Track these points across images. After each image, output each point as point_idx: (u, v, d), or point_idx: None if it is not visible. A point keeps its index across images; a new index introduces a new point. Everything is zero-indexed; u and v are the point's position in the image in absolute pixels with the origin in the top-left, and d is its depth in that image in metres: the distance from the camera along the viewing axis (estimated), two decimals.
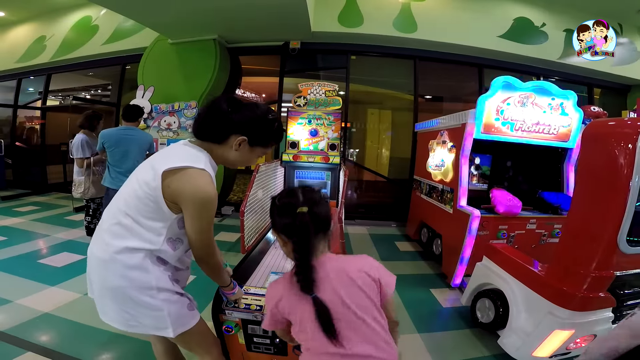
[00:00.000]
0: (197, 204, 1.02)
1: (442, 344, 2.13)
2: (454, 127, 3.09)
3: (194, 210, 1.02)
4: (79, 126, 3.42)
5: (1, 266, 2.97)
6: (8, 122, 7.37)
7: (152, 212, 1.03)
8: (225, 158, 1.15)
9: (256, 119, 1.12)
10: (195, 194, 1.01)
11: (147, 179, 1.02)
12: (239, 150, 1.12)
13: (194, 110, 4.58)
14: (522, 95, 2.82)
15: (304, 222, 0.89)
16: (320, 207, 0.94)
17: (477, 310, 2.26)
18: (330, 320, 0.85)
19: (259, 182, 2.98)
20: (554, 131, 2.94)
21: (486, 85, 5.11)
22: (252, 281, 1.81)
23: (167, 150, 1.13)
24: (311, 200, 0.94)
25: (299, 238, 0.90)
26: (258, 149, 1.16)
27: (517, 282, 1.94)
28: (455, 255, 2.83)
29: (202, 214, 1.03)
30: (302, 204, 0.92)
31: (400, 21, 4.65)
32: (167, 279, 1.10)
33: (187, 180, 1.00)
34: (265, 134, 1.15)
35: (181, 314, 1.12)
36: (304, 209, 0.90)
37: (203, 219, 1.05)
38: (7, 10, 6.29)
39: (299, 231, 0.90)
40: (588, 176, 1.65)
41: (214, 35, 4.75)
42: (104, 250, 1.04)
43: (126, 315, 1.05)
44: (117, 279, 1.02)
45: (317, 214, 0.92)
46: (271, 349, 1.44)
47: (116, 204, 1.07)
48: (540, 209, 3.00)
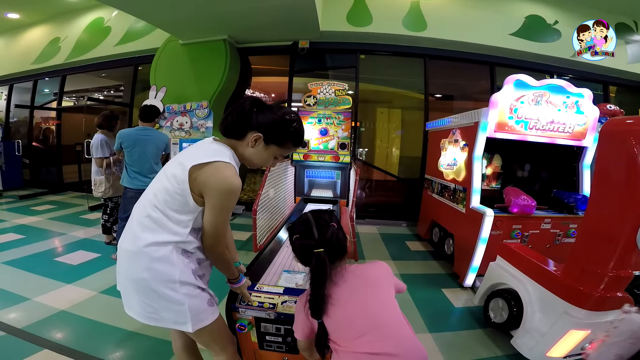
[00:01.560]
0: (222, 193, 1.06)
1: (454, 344, 2.11)
2: (467, 126, 3.07)
3: (216, 200, 1.07)
4: (97, 126, 3.48)
5: (19, 264, 3.05)
6: (25, 123, 7.56)
7: (180, 205, 1.08)
8: (242, 154, 1.19)
9: (274, 117, 1.15)
10: (220, 184, 1.05)
11: (176, 174, 1.07)
12: (254, 147, 1.16)
13: (206, 110, 4.63)
14: (535, 94, 2.79)
15: (321, 261, 1.00)
16: (336, 243, 1.05)
17: (490, 310, 2.24)
18: (325, 342, 1.06)
19: (270, 181, 3.01)
20: (569, 130, 2.90)
21: (498, 83, 5.07)
22: (264, 279, 1.83)
23: (195, 147, 1.17)
24: (325, 240, 1.03)
25: (315, 275, 1.00)
26: (273, 148, 1.18)
27: (532, 282, 1.92)
28: (468, 255, 2.81)
29: (224, 203, 1.08)
30: (318, 243, 1.02)
31: (409, 20, 4.62)
32: (191, 273, 1.13)
33: (213, 173, 1.05)
34: (280, 133, 1.17)
35: (201, 309, 1.14)
36: (320, 250, 1.00)
37: (224, 209, 1.09)
38: (22, 13, 6.43)
39: (316, 269, 1.00)
40: (606, 175, 1.62)
41: (224, 35, 4.79)
42: (133, 242, 1.09)
43: (148, 308, 1.09)
44: (142, 271, 1.06)
45: (333, 249, 1.04)
46: (283, 347, 1.45)
47: (146, 198, 1.13)
48: (555, 208, 2.96)
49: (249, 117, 1.14)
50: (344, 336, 0.99)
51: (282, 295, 1.45)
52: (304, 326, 1.10)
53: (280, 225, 2.93)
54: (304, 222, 1.09)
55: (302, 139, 1.24)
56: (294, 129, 1.19)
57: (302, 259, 1.07)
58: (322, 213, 1.12)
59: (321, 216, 1.10)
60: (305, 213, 1.15)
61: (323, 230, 1.04)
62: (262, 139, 1.15)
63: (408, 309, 2.51)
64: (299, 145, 1.26)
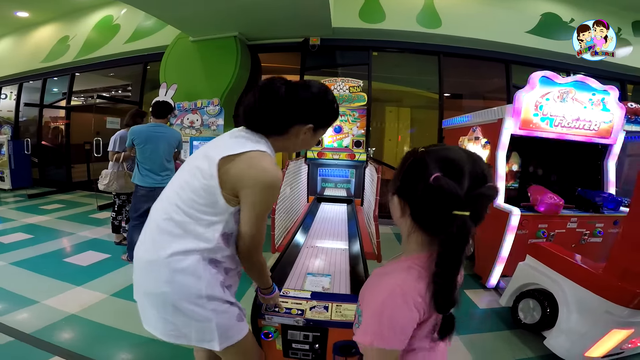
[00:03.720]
0: (262, 187, 0.92)
1: (484, 346, 2.05)
2: (489, 123, 3.00)
3: (256, 196, 0.92)
4: (125, 125, 3.44)
5: (28, 265, 2.99)
6: (34, 122, 7.56)
7: (207, 205, 0.92)
8: (286, 147, 1.08)
9: (318, 102, 1.02)
10: (259, 176, 0.91)
11: (202, 167, 0.93)
12: (304, 137, 1.05)
13: (217, 108, 4.58)
14: (561, 90, 2.72)
15: (464, 232, 0.58)
16: (487, 209, 0.62)
17: (520, 311, 2.17)
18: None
19: (287, 179, 2.94)
20: (595, 127, 2.83)
21: (514, 81, 4.99)
22: (289, 283, 1.75)
23: (220, 138, 1.04)
24: (480, 198, 0.60)
25: (448, 250, 0.60)
26: (320, 131, 1.10)
27: (568, 282, 1.85)
28: (491, 255, 2.74)
29: (264, 198, 0.94)
30: (466, 201, 0.58)
31: (423, 16, 4.56)
32: (219, 286, 0.99)
33: (249, 164, 0.91)
34: (327, 116, 1.08)
35: (230, 326, 1.01)
36: (465, 213, 0.58)
37: (264, 205, 0.95)
38: (31, 11, 6.42)
39: (451, 241, 0.59)
40: None
41: (235, 32, 4.74)
42: (152, 251, 0.95)
43: (170, 325, 0.95)
44: (163, 284, 0.91)
45: (480, 218, 0.61)
46: (309, 355, 1.37)
47: (167, 197, 0.98)
48: (580, 207, 2.88)
49: (288, 108, 0.98)
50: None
51: (310, 300, 1.39)
52: (405, 328, 0.64)
53: (296, 225, 2.87)
54: (449, 160, 0.62)
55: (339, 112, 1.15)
56: (337, 107, 1.09)
57: (426, 220, 0.65)
58: (479, 158, 0.66)
59: (479, 162, 0.65)
60: (450, 147, 0.68)
61: (479, 182, 0.61)
62: (312, 128, 1.03)
63: None
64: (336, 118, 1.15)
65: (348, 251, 2.15)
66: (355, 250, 2.11)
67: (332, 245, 2.28)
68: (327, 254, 2.09)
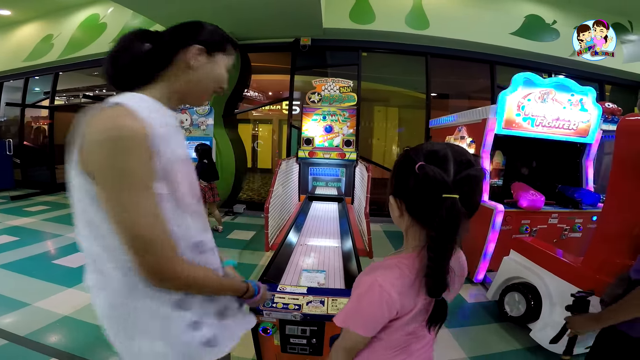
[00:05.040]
0: (106, 152, 0.60)
1: (473, 338, 2.13)
2: (474, 123, 3.09)
3: (105, 170, 0.61)
4: None
5: (16, 267, 2.94)
6: (16, 122, 7.35)
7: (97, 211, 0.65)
8: (179, 89, 0.79)
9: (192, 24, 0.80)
10: (98, 135, 0.61)
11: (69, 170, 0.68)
12: (195, 67, 0.77)
13: (206, 108, 4.58)
14: (542, 91, 2.83)
15: (455, 211, 0.60)
16: (477, 191, 0.64)
17: (506, 305, 2.26)
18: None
19: (279, 178, 2.98)
20: (574, 126, 2.95)
21: (498, 82, 5.13)
22: (285, 279, 1.79)
23: None
24: (467, 180, 0.61)
25: (439, 233, 0.62)
26: (220, 56, 0.82)
27: (550, 275, 1.94)
28: (477, 250, 2.83)
29: (119, 167, 0.60)
30: (453, 184, 0.60)
31: (412, 18, 4.65)
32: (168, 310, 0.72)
33: (90, 131, 0.62)
34: (211, 33, 0.81)
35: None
36: (455, 195, 0.60)
37: (125, 181, 0.61)
38: (13, 9, 6.25)
39: (442, 224, 0.61)
40: (623, 169, 1.65)
41: None
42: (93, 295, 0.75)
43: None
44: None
45: (471, 202, 0.63)
46: (307, 349, 1.41)
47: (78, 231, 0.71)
48: (560, 203, 3.01)
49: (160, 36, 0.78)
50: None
51: (307, 295, 1.43)
52: (375, 321, 0.70)
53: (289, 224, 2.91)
54: (433, 152, 0.65)
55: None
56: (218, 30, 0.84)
57: (418, 208, 0.67)
58: (463, 148, 0.68)
59: (463, 151, 0.66)
60: (434, 142, 0.72)
61: (462, 167, 0.62)
62: (205, 50, 0.77)
63: None
64: (236, 46, 0.90)
65: (340, 248, 2.20)
66: (347, 247, 2.17)
67: (324, 242, 2.33)
68: (320, 251, 2.14)
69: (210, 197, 3.81)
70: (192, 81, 0.78)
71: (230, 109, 5.37)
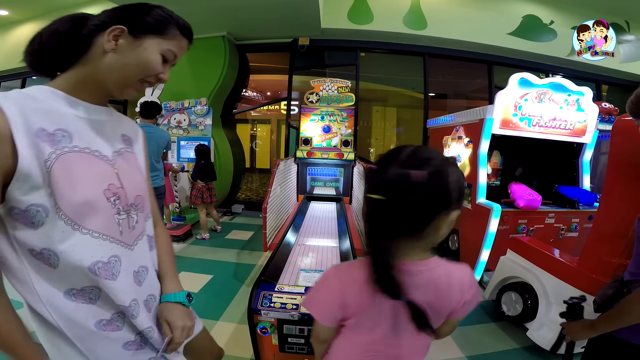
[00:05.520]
0: None
1: (470, 338, 2.13)
2: (471, 123, 3.10)
3: None
4: None
5: None
6: None
7: None
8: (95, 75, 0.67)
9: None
10: None
11: None
12: (116, 50, 0.65)
13: (205, 108, 4.57)
14: (539, 92, 2.85)
15: (375, 212, 0.62)
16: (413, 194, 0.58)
17: (503, 304, 2.27)
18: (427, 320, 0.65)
19: (277, 178, 2.98)
20: (570, 127, 2.96)
21: (496, 82, 5.15)
22: (283, 279, 1.80)
23: None
24: (389, 180, 0.59)
25: (368, 228, 0.64)
26: (150, 41, 0.68)
27: (546, 274, 1.95)
28: (474, 250, 2.85)
29: None
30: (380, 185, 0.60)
31: (410, 18, 4.66)
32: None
33: None
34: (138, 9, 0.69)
35: None
36: (379, 196, 0.59)
37: None
38: (11, 9, 6.22)
39: (368, 221, 0.64)
40: (619, 168, 1.66)
41: (223, 32, 4.73)
42: None
43: None
44: None
45: (406, 208, 0.59)
46: (305, 348, 1.42)
47: None
48: (557, 203, 3.02)
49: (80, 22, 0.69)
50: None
51: (304, 295, 1.44)
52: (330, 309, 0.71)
53: (287, 224, 2.91)
54: (386, 153, 0.64)
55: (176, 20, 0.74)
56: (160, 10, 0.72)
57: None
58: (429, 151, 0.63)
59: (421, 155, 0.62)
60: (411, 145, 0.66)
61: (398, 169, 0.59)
62: (127, 31, 0.65)
63: None
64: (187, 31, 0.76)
65: (338, 248, 2.21)
66: (345, 247, 2.17)
67: (322, 242, 2.33)
68: (318, 251, 2.14)
69: (208, 198, 3.81)
70: (106, 67, 0.66)
71: (228, 109, 5.36)
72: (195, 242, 3.78)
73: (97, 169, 0.65)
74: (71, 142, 0.61)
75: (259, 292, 1.54)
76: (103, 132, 0.70)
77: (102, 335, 0.66)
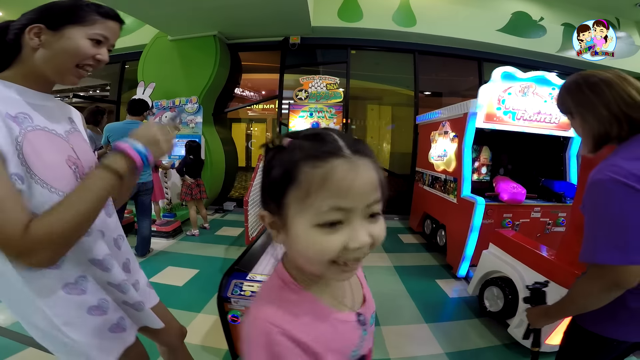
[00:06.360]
0: None
1: (451, 334, 2.11)
2: (456, 117, 3.10)
3: None
4: (87, 123, 3.39)
5: None
6: None
7: None
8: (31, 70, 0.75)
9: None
10: None
11: None
12: (42, 45, 0.72)
13: (195, 106, 4.58)
14: (522, 85, 2.84)
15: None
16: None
17: (485, 300, 2.24)
18: None
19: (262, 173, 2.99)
20: (555, 120, 2.95)
21: (486, 78, 5.14)
22: (257, 269, 1.80)
23: None
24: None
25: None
26: (72, 30, 0.73)
27: (526, 268, 1.93)
28: (460, 245, 2.84)
29: None
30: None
31: (399, 15, 4.66)
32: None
33: None
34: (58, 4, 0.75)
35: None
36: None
37: None
38: (5, 10, 6.24)
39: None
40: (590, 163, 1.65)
41: (214, 31, 4.74)
42: None
43: None
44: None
45: None
46: None
47: None
48: (544, 197, 3.01)
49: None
50: None
51: None
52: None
53: None
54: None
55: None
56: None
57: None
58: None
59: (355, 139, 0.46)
60: None
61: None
62: (45, 27, 0.72)
63: (403, 300, 2.52)
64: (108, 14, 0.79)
65: None
66: None
67: None
68: None
69: (198, 194, 3.81)
70: (40, 61, 0.73)
71: (220, 108, 5.37)
72: (184, 239, 3.78)
73: (58, 144, 0.76)
74: (32, 122, 0.71)
75: (230, 281, 1.54)
76: (53, 115, 0.80)
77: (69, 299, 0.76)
